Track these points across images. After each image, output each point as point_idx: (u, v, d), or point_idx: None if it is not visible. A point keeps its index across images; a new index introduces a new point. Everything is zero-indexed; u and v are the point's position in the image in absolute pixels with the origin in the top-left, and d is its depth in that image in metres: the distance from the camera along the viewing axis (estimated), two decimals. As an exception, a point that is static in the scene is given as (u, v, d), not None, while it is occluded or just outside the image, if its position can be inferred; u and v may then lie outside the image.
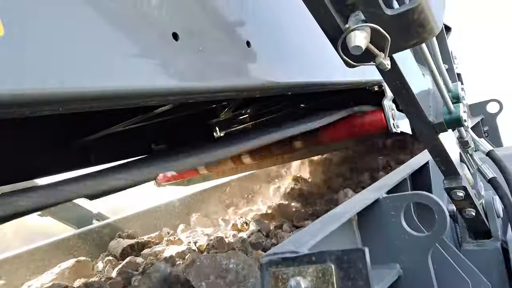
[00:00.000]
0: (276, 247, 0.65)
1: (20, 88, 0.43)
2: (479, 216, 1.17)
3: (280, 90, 0.92)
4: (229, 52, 0.73)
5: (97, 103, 0.51)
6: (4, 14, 0.42)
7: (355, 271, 0.53)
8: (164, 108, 1.65)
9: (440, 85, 0.87)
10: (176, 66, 0.61)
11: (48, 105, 0.46)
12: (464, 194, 1.08)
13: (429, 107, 0.94)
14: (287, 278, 0.59)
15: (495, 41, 6.64)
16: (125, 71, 0.53)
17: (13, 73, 0.42)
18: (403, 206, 0.82)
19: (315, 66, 1.06)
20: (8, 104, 0.42)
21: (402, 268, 0.81)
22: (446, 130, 0.93)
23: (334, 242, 0.73)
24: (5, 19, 0.42)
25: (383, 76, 0.85)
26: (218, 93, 0.70)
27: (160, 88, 0.58)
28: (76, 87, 0.47)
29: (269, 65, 0.85)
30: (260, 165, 2.35)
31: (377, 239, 0.84)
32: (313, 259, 0.57)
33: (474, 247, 1.23)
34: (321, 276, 0.55)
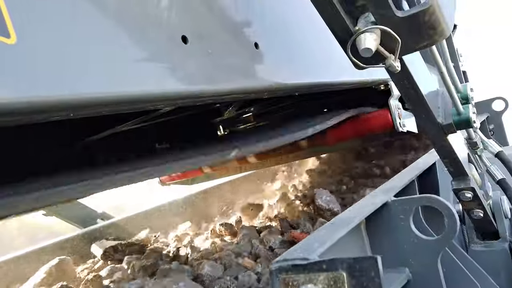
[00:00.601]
0: (286, 253, 0.65)
1: (34, 95, 0.42)
2: (487, 217, 1.16)
3: (288, 91, 0.92)
4: (237, 54, 0.73)
5: (108, 108, 0.51)
6: (16, 22, 0.41)
7: (367, 279, 0.52)
8: (168, 108, 1.65)
9: (449, 86, 0.86)
10: (185, 70, 0.60)
11: (60, 111, 0.45)
12: (472, 195, 1.07)
13: (438, 108, 0.93)
14: (298, 285, 0.58)
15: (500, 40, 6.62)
16: (136, 76, 0.53)
17: (26, 80, 0.42)
18: (412, 210, 0.82)
19: (322, 66, 1.05)
20: (22, 111, 0.41)
21: (411, 272, 0.80)
22: (455, 131, 0.92)
23: (343, 247, 0.73)
24: (17, 27, 0.41)
25: (391, 77, 0.85)
26: (226, 96, 0.69)
27: (170, 92, 0.57)
28: (87, 93, 0.46)
29: (277, 66, 0.84)
30: (265, 164, 2.34)
31: (386, 243, 0.83)
32: (324, 267, 0.56)
33: (481, 248, 1.22)
34: (332, 284, 0.55)
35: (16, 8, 0.43)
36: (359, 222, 0.79)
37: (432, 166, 1.19)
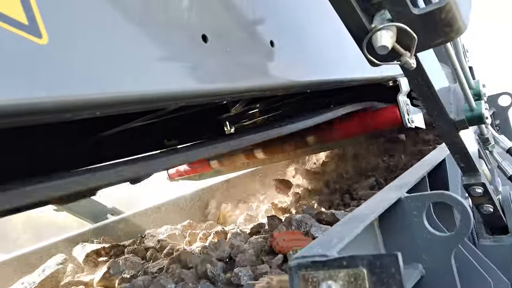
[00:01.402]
0: (304, 249, 0.66)
1: (64, 94, 0.43)
2: (497, 212, 1.17)
3: (301, 88, 0.92)
4: (254, 52, 0.73)
5: (133, 106, 0.52)
6: (48, 23, 0.42)
7: (388, 276, 0.53)
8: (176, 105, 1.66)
9: (463, 82, 0.87)
10: (206, 68, 0.61)
11: (89, 110, 0.47)
12: (483, 191, 1.08)
13: (450, 104, 0.94)
14: (318, 281, 0.59)
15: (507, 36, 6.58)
16: (159, 75, 0.54)
17: (57, 80, 0.43)
18: (425, 206, 0.82)
19: (333, 64, 1.06)
20: (53, 110, 0.43)
21: (425, 268, 0.81)
22: (467, 127, 0.93)
23: (357, 244, 0.73)
24: (49, 27, 0.42)
25: (405, 74, 0.85)
26: (244, 93, 0.70)
27: (192, 90, 0.59)
28: (115, 92, 0.48)
29: (291, 64, 0.85)
30: (272, 160, 2.35)
31: (399, 239, 0.84)
32: (344, 263, 0.57)
33: (491, 242, 1.23)
34: (353, 280, 0.56)
35: (47, 9, 0.44)
36: (373, 219, 0.80)
37: (442, 162, 1.20)
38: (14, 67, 0.41)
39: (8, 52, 0.41)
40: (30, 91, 0.41)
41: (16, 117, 0.42)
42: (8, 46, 0.41)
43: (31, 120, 0.45)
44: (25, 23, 0.42)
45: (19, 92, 0.41)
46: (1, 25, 0.41)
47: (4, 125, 0.44)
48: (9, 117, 0.42)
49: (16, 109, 0.41)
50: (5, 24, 0.41)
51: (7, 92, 0.41)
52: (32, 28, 0.43)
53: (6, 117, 0.41)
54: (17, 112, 0.41)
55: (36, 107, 0.43)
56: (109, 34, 0.49)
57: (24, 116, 0.43)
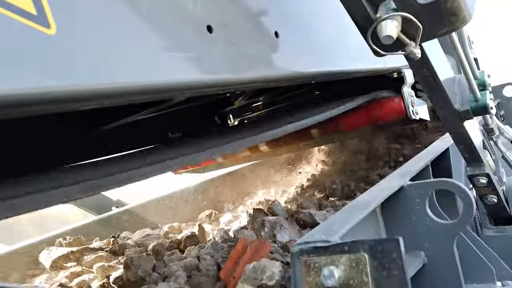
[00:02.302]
0: (306, 235, 0.67)
1: (73, 84, 0.44)
2: (501, 203, 1.17)
3: (306, 79, 0.93)
4: (259, 43, 0.74)
5: (140, 96, 0.53)
6: (56, 14, 0.43)
7: (389, 260, 0.54)
8: (180, 98, 1.67)
9: (468, 72, 0.87)
10: (211, 59, 0.62)
11: (97, 100, 0.47)
12: (487, 181, 1.08)
13: (455, 95, 0.94)
14: (319, 267, 0.60)
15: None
16: (166, 66, 0.54)
17: (66, 69, 0.44)
18: (428, 194, 0.83)
19: (338, 55, 1.06)
20: (62, 99, 0.43)
21: (427, 256, 0.82)
22: (472, 117, 0.93)
23: (359, 231, 0.74)
24: (57, 18, 0.43)
25: (410, 64, 0.85)
26: (249, 84, 0.71)
27: (197, 80, 0.59)
28: (125, 82, 0.48)
29: (296, 55, 0.86)
30: (276, 152, 2.36)
31: (401, 227, 0.85)
32: (346, 248, 0.58)
33: (494, 233, 1.24)
34: (354, 265, 0.57)
35: (55, 2, 0.45)
36: (375, 206, 0.81)
37: (445, 151, 1.20)
38: (23, 57, 0.42)
39: (18, 42, 0.42)
40: (40, 81, 0.42)
41: (26, 106, 0.43)
42: (17, 36, 0.42)
43: (41, 109, 0.46)
44: (34, 13, 0.43)
45: (30, 82, 0.42)
46: (10, 15, 0.42)
47: (15, 114, 0.45)
48: (20, 106, 0.43)
49: (27, 98, 0.42)
50: (14, 14, 0.42)
51: (17, 81, 0.41)
52: (40, 18, 0.44)
53: (17, 106, 0.42)
54: (28, 101, 0.42)
55: (46, 97, 0.44)
56: (116, 25, 0.50)
57: (34, 106, 0.44)
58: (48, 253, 1.88)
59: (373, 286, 0.54)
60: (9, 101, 0.40)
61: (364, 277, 0.55)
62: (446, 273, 0.81)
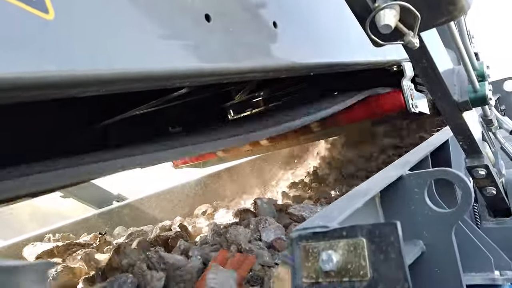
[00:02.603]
0: (306, 222, 0.67)
1: (70, 69, 0.45)
2: (500, 194, 1.18)
3: (304, 71, 0.93)
4: (257, 33, 0.74)
5: (138, 84, 0.53)
6: None
7: (387, 244, 0.54)
8: (181, 92, 1.67)
9: (467, 63, 0.87)
10: (209, 47, 0.62)
11: (96, 86, 0.48)
12: (486, 173, 1.08)
13: (453, 86, 0.94)
14: (318, 252, 0.61)
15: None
16: (164, 53, 0.55)
17: (64, 54, 0.44)
18: (427, 183, 0.83)
19: (337, 47, 1.06)
20: (62, 84, 0.44)
21: (426, 244, 0.82)
22: (470, 108, 0.93)
23: (358, 219, 0.75)
24: (55, 3, 0.44)
25: (409, 55, 0.85)
26: (247, 74, 0.71)
27: (194, 69, 0.59)
28: (123, 68, 0.49)
29: (294, 46, 0.86)
30: (276, 147, 2.37)
31: (400, 216, 0.85)
32: (344, 233, 0.59)
33: (493, 225, 1.24)
34: (352, 249, 0.57)
35: (54, -14, 0.45)
36: (374, 195, 0.82)
37: (445, 143, 1.21)
38: (21, 41, 0.42)
39: (16, 27, 0.42)
40: (38, 65, 0.43)
41: (24, 90, 0.43)
42: (15, 21, 0.42)
43: (38, 94, 0.46)
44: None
45: (27, 66, 0.42)
46: (9, 0, 0.42)
47: (14, 99, 0.45)
48: (18, 90, 0.43)
49: (25, 82, 0.42)
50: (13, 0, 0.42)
51: (16, 65, 0.42)
52: (38, 3, 0.44)
53: (15, 90, 0.42)
54: (26, 85, 0.42)
55: (44, 81, 0.44)
56: (114, 11, 0.50)
57: (32, 90, 0.44)
58: (33, 248, 1.84)
59: (371, 269, 0.55)
60: (7, 84, 0.41)
61: (362, 261, 0.56)
62: (444, 262, 0.81)
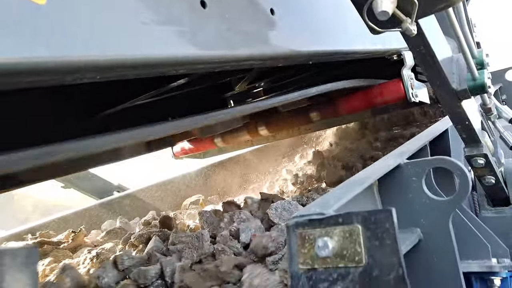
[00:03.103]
0: (302, 209, 0.68)
1: (64, 55, 0.44)
2: (499, 184, 1.18)
3: (303, 59, 0.92)
4: (254, 20, 0.73)
5: (134, 71, 0.53)
6: (46, -18, 0.43)
7: (382, 230, 0.55)
8: (180, 82, 1.67)
9: (465, 51, 0.86)
10: (204, 34, 0.62)
11: (90, 72, 0.48)
12: (485, 162, 1.08)
13: (452, 74, 0.94)
14: (314, 238, 0.61)
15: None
16: (158, 39, 0.54)
17: (57, 40, 0.44)
18: (425, 171, 0.83)
19: (336, 35, 1.05)
20: (56, 70, 0.44)
21: (423, 232, 0.83)
22: (469, 97, 0.92)
23: (355, 206, 0.75)
24: (47, -13, 0.43)
25: (407, 42, 0.85)
26: (244, 62, 0.71)
27: (190, 56, 0.59)
28: (116, 54, 0.49)
29: (292, 33, 0.85)
30: (276, 137, 2.37)
31: (398, 204, 0.86)
32: (339, 220, 0.59)
33: (492, 214, 1.25)
34: (348, 236, 0.57)
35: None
36: (372, 183, 0.82)
37: (444, 132, 1.20)
38: (13, 27, 0.42)
39: (7, 12, 0.42)
40: (31, 51, 0.42)
41: (17, 76, 0.43)
42: (7, 6, 0.42)
43: (32, 80, 0.46)
44: (24, -16, 0.43)
45: (20, 52, 0.42)
46: (1, -15, 0.42)
47: (7, 85, 0.45)
48: (11, 76, 0.43)
49: (18, 68, 0.42)
50: (5, -15, 0.42)
51: (9, 51, 0.42)
52: (31, -12, 0.44)
53: (7, 75, 0.42)
54: (19, 70, 0.42)
55: (38, 67, 0.44)
56: (108, -3, 0.50)
57: (25, 76, 0.44)
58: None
59: (366, 255, 0.55)
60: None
61: (357, 247, 0.56)
62: (441, 249, 0.82)
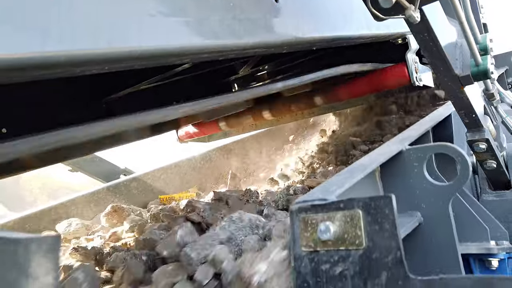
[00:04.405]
0: (305, 195, 0.70)
1: (74, 48, 0.46)
2: (500, 168, 1.19)
3: (307, 45, 0.93)
4: (258, 8, 0.74)
5: (140, 62, 0.54)
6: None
7: (382, 216, 0.57)
8: (184, 67, 1.67)
9: (469, 37, 0.87)
10: (209, 23, 0.63)
11: (98, 65, 0.49)
12: (487, 146, 1.09)
13: (456, 60, 0.94)
14: (316, 223, 0.63)
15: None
16: (163, 31, 0.56)
17: (67, 35, 0.45)
18: (426, 157, 0.85)
19: (340, 20, 1.05)
20: (65, 63, 0.45)
21: (423, 215, 0.85)
22: (472, 83, 0.93)
23: (357, 192, 0.77)
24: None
25: (410, 29, 0.85)
26: (249, 50, 0.72)
27: (195, 46, 0.60)
28: (123, 47, 0.50)
29: (296, 20, 0.86)
30: (280, 121, 2.38)
31: (399, 188, 0.88)
32: (341, 205, 0.61)
33: (493, 197, 1.26)
34: (349, 221, 0.60)
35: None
36: (374, 169, 0.84)
37: (448, 118, 1.21)
38: (23, 22, 0.43)
39: (19, 8, 0.43)
40: (41, 46, 0.44)
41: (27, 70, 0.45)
42: (19, 3, 0.43)
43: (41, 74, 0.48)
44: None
45: (30, 47, 0.44)
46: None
47: (19, 78, 0.47)
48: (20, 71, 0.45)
49: (29, 62, 0.44)
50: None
51: (18, 46, 0.43)
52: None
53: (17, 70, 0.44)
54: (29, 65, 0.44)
55: (47, 61, 0.46)
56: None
57: (35, 70, 0.46)
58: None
59: (366, 239, 0.57)
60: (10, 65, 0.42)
61: (357, 231, 0.58)
62: (441, 232, 0.84)
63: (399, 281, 0.54)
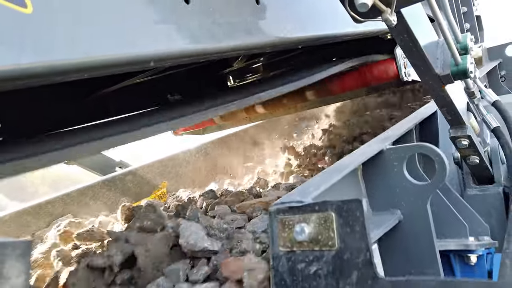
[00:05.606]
0: (284, 197, 0.72)
1: (51, 59, 0.47)
2: (483, 163, 1.21)
3: (291, 45, 0.94)
4: (238, 11, 0.75)
5: (120, 68, 0.56)
6: (31, -7, 0.46)
7: (353, 218, 0.59)
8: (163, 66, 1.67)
9: (448, 37, 0.88)
10: (189, 29, 0.64)
11: (76, 73, 0.51)
12: (469, 143, 1.11)
13: (436, 59, 0.95)
14: (293, 224, 0.66)
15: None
16: (142, 37, 0.57)
17: (43, 46, 0.47)
18: (406, 157, 0.87)
19: (325, 19, 1.06)
20: (41, 74, 0.47)
21: (403, 213, 0.87)
22: (452, 81, 0.94)
23: (340, 191, 0.80)
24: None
25: (390, 31, 0.86)
26: (230, 52, 0.73)
27: (176, 51, 0.62)
28: (100, 55, 0.51)
29: (279, 21, 0.87)
30: (273, 114, 2.39)
31: (380, 187, 0.90)
32: (316, 208, 0.64)
33: (476, 192, 1.29)
34: (323, 223, 0.62)
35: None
36: (356, 168, 0.86)
37: (433, 115, 1.23)
38: (1, 36, 0.45)
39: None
40: (19, 58, 0.46)
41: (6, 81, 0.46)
42: (-4, 16, 0.45)
43: (22, 84, 0.49)
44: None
45: (8, 60, 0.45)
46: (-12, -5, 0.44)
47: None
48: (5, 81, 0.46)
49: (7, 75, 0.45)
50: (-8, -5, 0.45)
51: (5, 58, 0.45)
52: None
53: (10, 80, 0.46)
54: (8, 77, 0.46)
55: (25, 72, 0.47)
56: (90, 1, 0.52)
57: (14, 81, 0.47)
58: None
59: (338, 240, 0.60)
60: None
61: (330, 233, 0.61)
62: (419, 229, 0.87)
63: (368, 280, 0.57)
